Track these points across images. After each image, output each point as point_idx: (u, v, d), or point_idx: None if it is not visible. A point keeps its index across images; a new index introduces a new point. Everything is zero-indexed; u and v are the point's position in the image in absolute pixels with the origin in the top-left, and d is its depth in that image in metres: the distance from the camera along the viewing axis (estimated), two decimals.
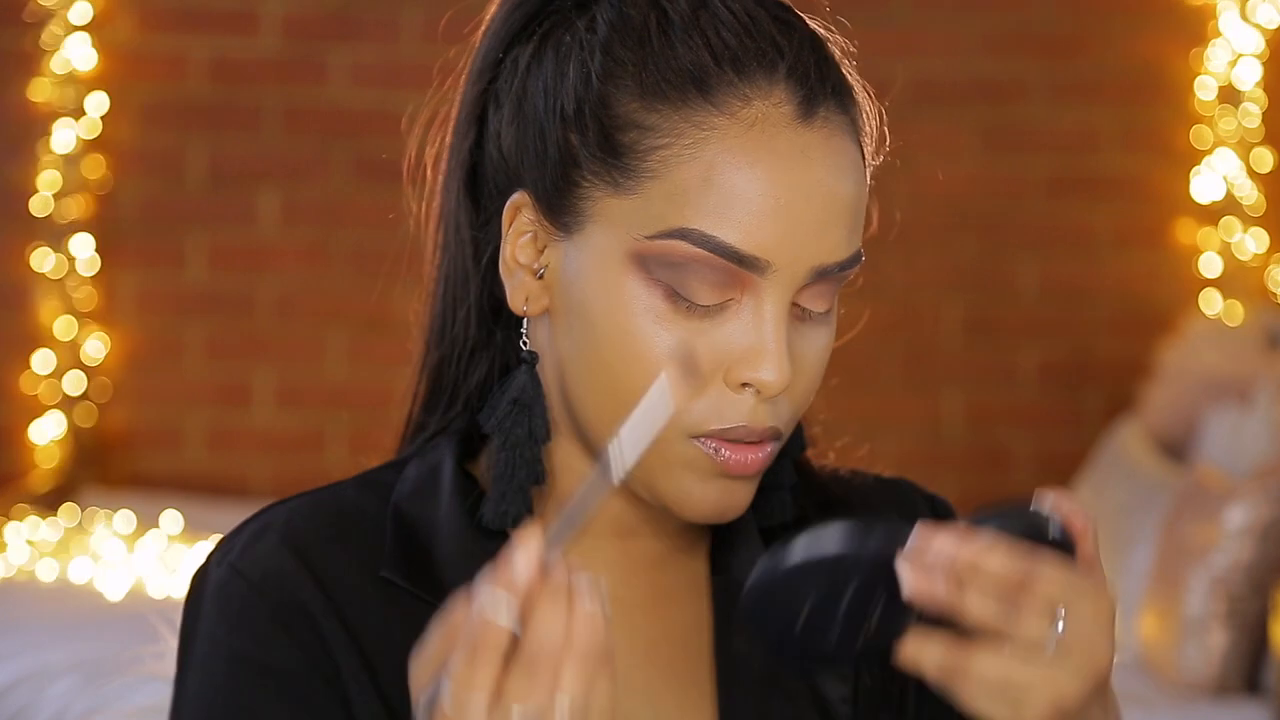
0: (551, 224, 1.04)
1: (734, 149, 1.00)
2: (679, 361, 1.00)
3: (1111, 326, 4.19)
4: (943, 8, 4.16)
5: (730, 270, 1.00)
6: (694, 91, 1.00)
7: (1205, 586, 2.91)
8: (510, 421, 1.07)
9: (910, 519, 1.18)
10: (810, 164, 1.01)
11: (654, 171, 1.00)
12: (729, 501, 1.05)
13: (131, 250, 4.14)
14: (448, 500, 1.09)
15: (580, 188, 1.03)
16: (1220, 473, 3.11)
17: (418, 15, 4.06)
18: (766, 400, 1.02)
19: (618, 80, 1.02)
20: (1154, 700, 2.88)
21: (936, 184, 4.06)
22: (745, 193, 0.99)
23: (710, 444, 1.02)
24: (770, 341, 1.00)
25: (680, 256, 1.00)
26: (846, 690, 1.10)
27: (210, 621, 1.06)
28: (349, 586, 1.06)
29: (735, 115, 1.00)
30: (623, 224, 1.01)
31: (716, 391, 1.02)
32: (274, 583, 1.05)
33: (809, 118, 1.01)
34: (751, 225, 0.99)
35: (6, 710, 2.77)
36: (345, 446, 4.12)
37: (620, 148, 1.01)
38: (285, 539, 1.07)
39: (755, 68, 1.01)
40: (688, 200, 1.00)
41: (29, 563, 3.60)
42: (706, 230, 0.99)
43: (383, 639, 1.05)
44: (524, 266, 1.06)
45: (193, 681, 1.06)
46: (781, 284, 1.01)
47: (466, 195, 1.11)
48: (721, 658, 1.09)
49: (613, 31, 1.03)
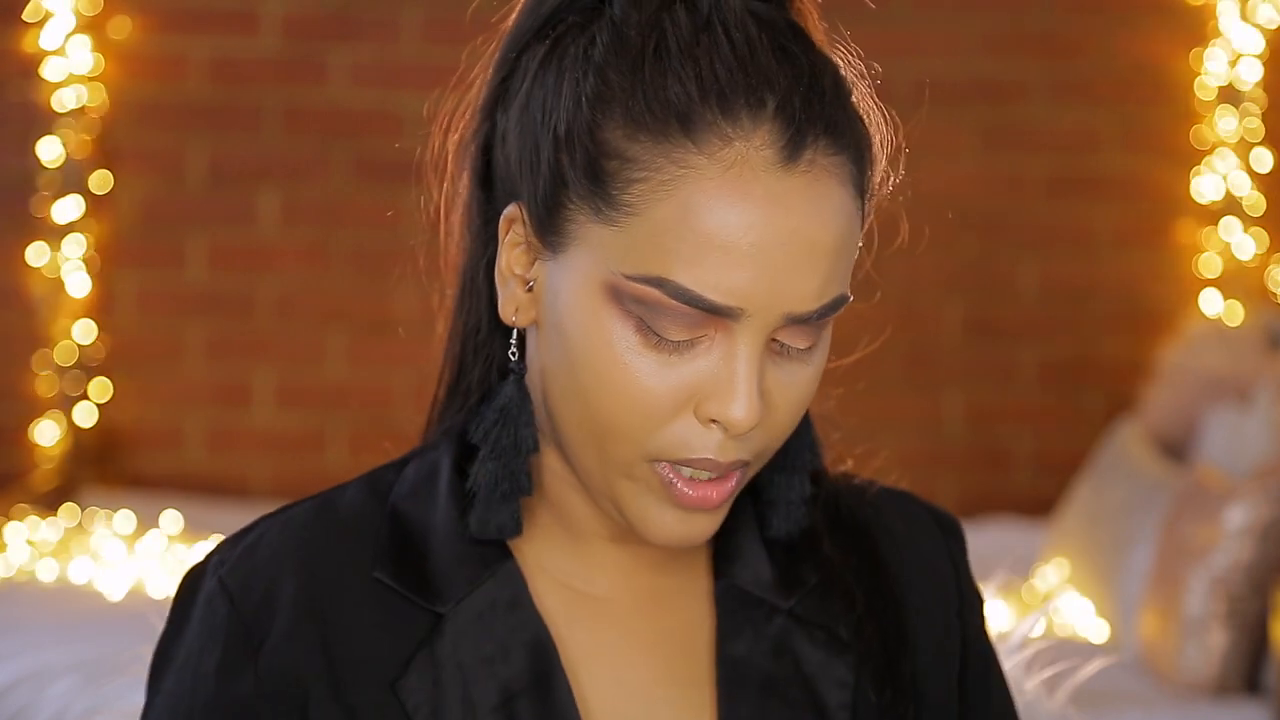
0: (540, 240, 1.04)
1: (709, 191, 0.98)
2: None
3: (1111, 326, 4.19)
4: (943, 8, 4.16)
5: (703, 316, 0.99)
6: (676, 126, 0.98)
7: (1205, 586, 2.91)
8: (497, 432, 1.06)
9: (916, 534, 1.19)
10: (789, 211, 0.98)
11: (632, 207, 0.99)
12: (686, 530, 1.04)
13: (131, 250, 4.14)
14: (444, 503, 1.10)
15: (567, 209, 1.02)
16: (1220, 473, 3.10)
17: (418, 15, 4.06)
18: (739, 437, 1.01)
19: (607, 106, 1.00)
20: (1154, 700, 2.88)
21: (936, 184, 4.06)
22: (719, 238, 0.97)
23: (668, 473, 1.02)
24: (740, 381, 0.99)
25: (655, 302, 0.99)
26: (845, 697, 1.10)
27: (194, 633, 1.08)
28: (343, 589, 1.07)
29: (714, 155, 0.98)
30: (602, 253, 1.00)
31: (684, 423, 1.01)
32: (251, 605, 1.07)
33: (792, 161, 0.99)
34: (724, 273, 0.98)
35: (6, 710, 2.77)
36: (345, 446, 4.12)
37: (603, 175, 1.00)
38: (280, 548, 1.08)
39: (740, 105, 0.98)
40: (664, 245, 0.98)
41: (29, 563, 3.60)
42: (682, 283, 0.98)
43: (382, 633, 1.06)
44: (517, 277, 1.06)
45: (168, 688, 1.08)
46: (754, 327, 0.99)
47: (479, 187, 1.11)
48: (722, 661, 1.09)
49: (608, 54, 1.02)
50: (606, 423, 1.01)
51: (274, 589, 1.07)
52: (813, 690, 1.10)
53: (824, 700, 1.10)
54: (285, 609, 1.06)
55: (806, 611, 1.12)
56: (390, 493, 1.11)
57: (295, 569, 1.07)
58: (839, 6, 1.10)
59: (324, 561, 1.07)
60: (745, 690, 1.09)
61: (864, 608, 1.13)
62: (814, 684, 1.10)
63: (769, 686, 1.09)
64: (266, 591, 1.07)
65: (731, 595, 1.11)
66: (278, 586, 1.07)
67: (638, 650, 1.10)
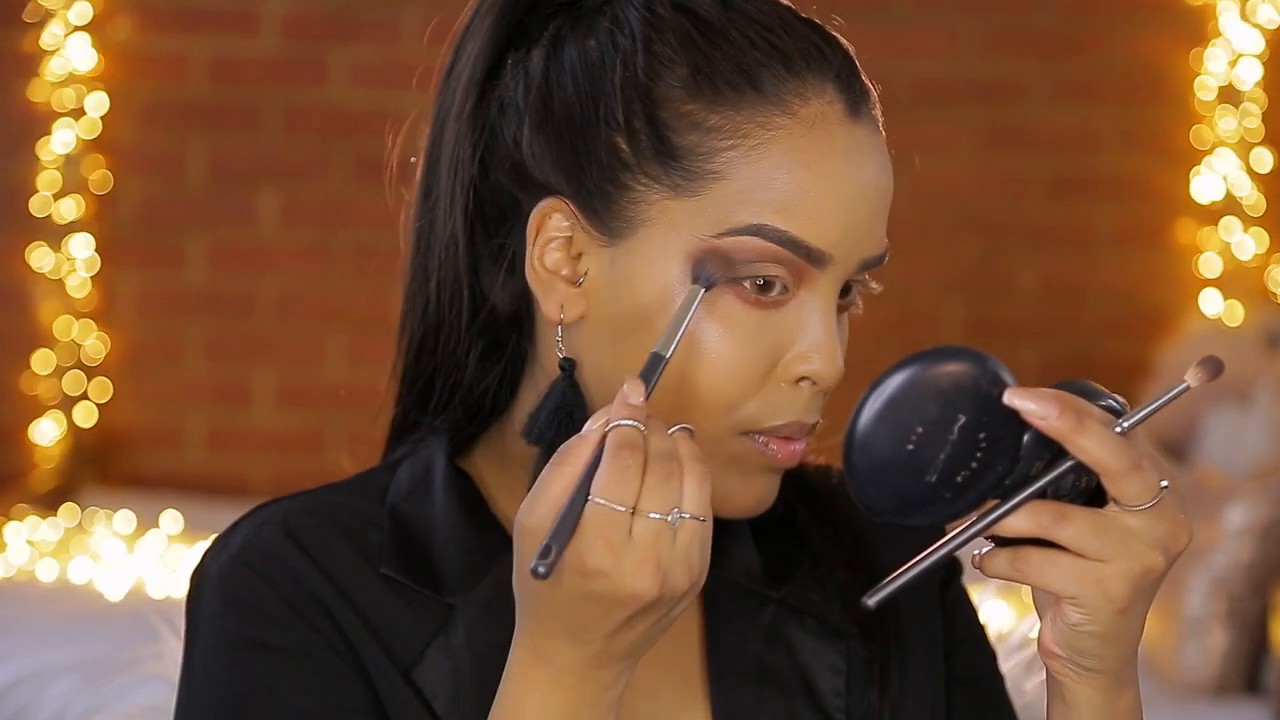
0: (596, 230, 1.03)
1: (800, 148, 1.01)
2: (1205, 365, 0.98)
3: (1111, 326, 4.19)
4: (943, 8, 4.16)
5: (794, 264, 1.01)
6: (750, 90, 1.01)
7: (1205, 586, 2.91)
8: (553, 431, 1.05)
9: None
10: (864, 159, 1.03)
11: (719, 172, 1.01)
12: (767, 493, 1.06)
13: (131, 250, 4.14)
14: (442, 498, 1.10)
15: (631, 191, 1.02)
16: (1220, 473, 3.11)
17: (418, 15, 4.06)
18: (819, 393, 1.04)
19: (667, 82, 1.02)
20: (1154, 700, 2.88)
21: (936, 184, 4.06)
22: (811, 189, 1.01)
23: (761, 439, 1.03)
24: (829, 333, 1.02)
25: (750, 253, 1.00)
26: (839, 684, 1.10)
27: (214, 613, 1.06)
28: (352, 577, 1.06)
29: (796, 114, 1.02)
30: (685, 226, 1.01)
31: (772, 387, 1.03)
32: (280, 570, 1.05)
33: (857, 114, 1.04)
34: (817, 221, 1.01)
35: (6, 710, 2.77)
36: (345, 446, 4.11)
37: (679, 151, 1.01)
38: (286, 532, 1.07)
39: (803, 66, 1.02)
40: (755, 198, 1.00)
41: (29, 563, 3.60)
42: (778, 225, 1.00)
43: (396, 623, 1.05)
44: (555, 274, 1.05)
45: (200, 673, 1.06)
46: (834, 277, 1.03)
47: (465, 208, 1.08)
48: (714, 652, 1.10)
49: (652, 31, 1.03)
50: (694, 399, 1.02)
51: (291, 560, 1.06)
52: (806, 678, 1.10)
53: (818, 688, 1.10)
54: (310, 578, 1.05)
55: (798, 600, 1.12)
56: (387, 494, 1.11)
57: (306, 554, 1.06)
58: (840, 7, 1.10)
59: (330, 552, 1.07)
60: (739, 679, 1.09)
61: (846, 574, 1.13)
62: (807, 672, 1.10)
63: (762, 675, 1.10)
64: (286, 560, 1.06)
65: (722, 587, 1.11)
66: (295, 562, 1.06)
67: None
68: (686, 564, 0.92)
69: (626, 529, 0.91)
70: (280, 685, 1.03)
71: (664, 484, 0.92)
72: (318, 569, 1.06)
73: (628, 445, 0.92)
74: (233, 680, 1.04)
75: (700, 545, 0.93)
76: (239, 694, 1.03)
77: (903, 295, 4.05)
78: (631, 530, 0.91)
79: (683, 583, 0.92)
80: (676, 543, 0.92)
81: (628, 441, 0.92)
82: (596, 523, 0.91)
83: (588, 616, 0.92)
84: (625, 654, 0.95)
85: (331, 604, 1.05)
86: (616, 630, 0.93)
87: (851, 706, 1.10)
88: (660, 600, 0.92)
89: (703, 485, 0.93)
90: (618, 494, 0.91)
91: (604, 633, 0.93)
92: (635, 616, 0.93)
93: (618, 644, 0.94)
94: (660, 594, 0.91)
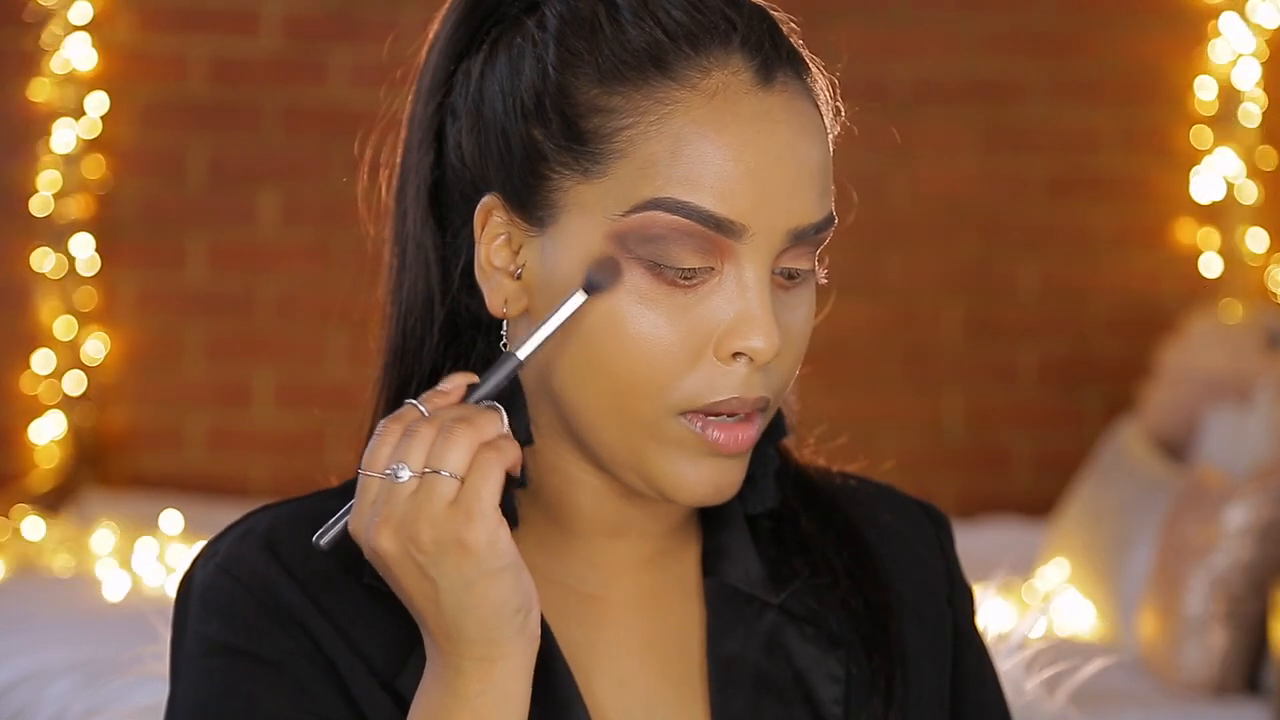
0: (525, 221, 1.05)
1: (699, 119, 1.01)
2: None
3: (1111, 326, 4.19)
4: (943, 8, 4.16)
5: (708, 237, 1.01)
6: (652, 70, 1.02)
7: (1205, 586, 2.91)
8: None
9: (904, 524, 1.19)
10: (776, 127, 1.02)
11: (621, 151, 1.01)
12: (722, 481, 1.05)
13: (131, 250, 4.14)
14: None
15: (549, 180, 1.03)
16: (1220, 473, 3.11)
17: (417, 15, 4.05)
18: (758, 369, 1.03)
19: (575, 69, 1.03)
20: (1154, 700, 2.88)
21: (936, 184, 4.06)
22: (714, 160, 1.01)
23: (698, 423, 1.03)
24: (756, 307, 1.01)
25: (658, 228, 1.00)
26: (838, 692, 1.10)
27: (198, 620, 1.07)
28: (334, 588, 1.07)
29: (696, 87, 1.02)
30: (596, 208, 1.02)
31: (707, 365, 1.02)
32: (260, 584, 1.06)
33: (768, 83, 1.03)
34: (724, 190, 1.00)
35: (6, 710, 2.77)
36: (345, 446, 4.11)
37: (585, 135, 1.02)
38: (268, 544, 1.08)
39: (709, 40, 1.02)
40: (658, 172, 1.01)
41: (29, 563, 3.60)
42: (680, 197, 1.00)
43: (378, 633, 1.06)
44: (500, 269, 1.06)
45: (185, 679, 1.07)
46: (760, 250, 1.02)
47: (430, 214, 1.11)
48: (714, 659, 1.10)
49: (564, 24, 1.04)
50: (628, 382, 1.02)
51: (270, 574, 1.07)
52: (805, 685, 1.10)
53: (817, 695, 1.10)
54: (289, 592, 1.06)
55: (797, 607, 1.12)
56: None
57: (285, 567, 1.07)
58: (840, 7, 1.10)
59: (310, 570, 1.07)
60: (738, 687, 1.09)
61: (849, 583, 1.13)
62: (806, 679, 1.10)
63: (761, 683, 1.09)
64: (265, 574, 1.06)
65: (722, 592, 1.11)
66: (274, 576, 1.06)
67: (631, 648, 1.10)
68: (429, 518, 0.95)
69: (374, 493, 0.98)
70: (257, 692, 1.04)
71: (417, 446, 0.96)
72: (294, 581, 1.06)
73: (393, 419, 0.99)
74: (213, 686, 1.05)
75: (455, 500, 0.96)
76: (218, 699, 1.04)
77: (903, 295, 4.04)
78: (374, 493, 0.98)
79: (425, 536, 0.95)
80: (415, 498, 0.96)
81: (394, 415, 0.99)
82: (360, 491, 0.99)
83: (403, 590, 0.98)
84: (459, 638, 0.97)
85: (305, 617, 1.05)
86: (428, 600, 0.97)
87: (850, 715, 1.10)
88: (414, 557, 0.96)
89: (459, 444, 0.96)
90: (370, 461, 0.98)
91: (420, 606, 0.98)
92: (423, 582, 0.97)
93: (444, 622, 0.97)
94: (405, 549, 0.96)
